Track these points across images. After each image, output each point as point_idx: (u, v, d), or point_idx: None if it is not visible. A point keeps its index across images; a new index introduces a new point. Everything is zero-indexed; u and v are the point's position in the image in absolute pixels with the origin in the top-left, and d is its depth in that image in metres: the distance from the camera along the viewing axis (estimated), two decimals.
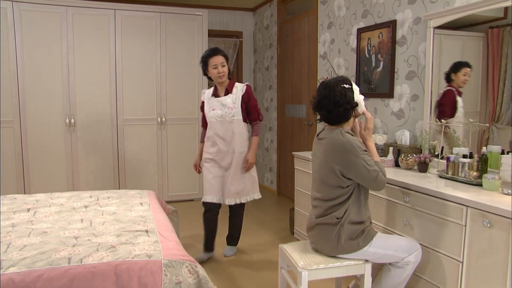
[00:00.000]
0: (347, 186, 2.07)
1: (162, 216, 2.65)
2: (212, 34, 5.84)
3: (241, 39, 6.16)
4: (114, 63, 4.70)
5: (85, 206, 2.81)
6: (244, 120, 3.20)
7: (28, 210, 2.71)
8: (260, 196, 3.35)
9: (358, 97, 2.16)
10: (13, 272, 1.79)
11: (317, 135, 2.25)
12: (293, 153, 3.74)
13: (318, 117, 2.19)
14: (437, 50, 2.86)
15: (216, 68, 3.10)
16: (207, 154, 3.25)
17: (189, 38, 5.00)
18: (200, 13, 5.03)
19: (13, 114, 4.37)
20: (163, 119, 4.96)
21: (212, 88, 3.26)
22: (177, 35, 4.94)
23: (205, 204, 3.30)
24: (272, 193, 5.72)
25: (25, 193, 4.39)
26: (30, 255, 1.94)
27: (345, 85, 2.11)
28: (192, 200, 5.24)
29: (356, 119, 2.25)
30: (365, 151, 2.06)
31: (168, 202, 4.80)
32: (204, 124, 3.36)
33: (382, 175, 2.06)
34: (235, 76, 6.27)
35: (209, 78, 3.25)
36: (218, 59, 3.10)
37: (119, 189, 4.81)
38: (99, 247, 2.04)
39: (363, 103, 2.18)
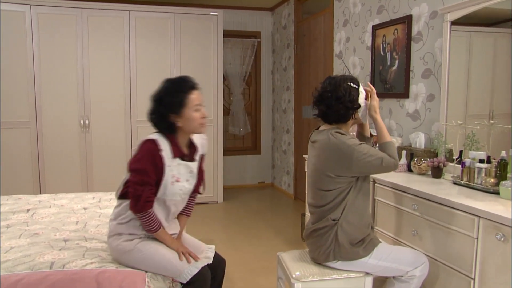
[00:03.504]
0: (341, 186, 1.92)
1: None
2: (230, 34, 5.77)
3: (259, 40, 6.05)
4: (129, 65, 4.69)
5: (85, 208, 2.77)
6: None
7: (28, 210, 2.69)
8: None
9: (363, 101, 2.00)
10: None
11: (309, 139, 2.10)
12: (304, 156, 3.58)
13: (315, 112, 2.03)
14: (466, 48, 2.66)
15: (199, 110, 1.88)
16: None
17: (204, 39, 4.93)
18: (215, 13, 4.96)
19: (29, 115, 4.43)
20: None
21: (166, 142, 1.86)
22: (192, 35, 4.88)
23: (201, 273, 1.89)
24: (288, 197, 5.57)
25: (40, 193, 4.44)
26: (13, 257, 1.90)
27: (352, 84, 1.96)
28: (206, 203, 5.16)
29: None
30: (360, 143, 1.89)
31: None
32: (149, 204, 1.83)
33: (388, 158, 1.89)
34: (253, 78, 6.16)
35: (169, 130, 1.88)
36: (200, 95, 1.90)
37: None
38: (86, 253, 1.98)
39: (365, 110, 2.02)
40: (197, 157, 2.01)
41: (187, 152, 1.95)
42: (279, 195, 5.74)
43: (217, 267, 2.04)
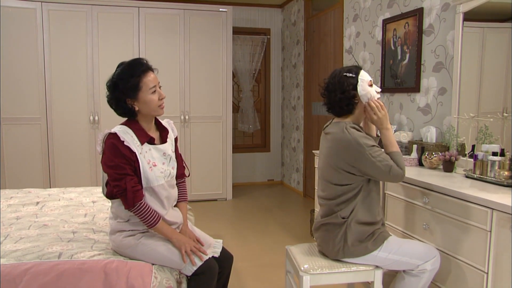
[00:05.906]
0: (353, 183, 1.89)
1: None
2: (239, 31, 5.76)
3: (268, 36, 6.03)
4: None
5: (93, 202, 2.78)
6: None
7: (37, 203, 2.71)
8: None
9: (366, 88, 1.92)
10: (2, 264, 1.75)
11: (323, 129, 2.07)
12: (313, 151, 3.56)
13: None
14: (479, 44, 2.60)
15: (154, 92, 1.87)
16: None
17: (214, 36, 4.93)
18: (225, 10, 4.95)
19: (40, 111, 4.47)
20: (187, 117, 4.91)
21: (129, 131, 1.85)
22: (201, 32, 4.88)
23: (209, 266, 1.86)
24: (298, 195, 5.54)
25: (50, 187, 4.48)
26: (22, 247, 1.91)
27: (347, 74, 1.92)
28: (215, 200, 5.16)
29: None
30: (373, 145, 1.84)
31: (191, 201, 4.75)
32: (138, 193, 1.79)
33: (397, 168, 1.83)
34: (262, 75, 6.14)
35: (130, 114, 1.89)
36: (155, 77, 1.90)
37: None
38: (94, 245, 1.98)
39: (374, 95, 1.95)
40: (169, 140, 1.99)
41: (156, 136, 1.95)
42: (288, 192, 5.71)
43: (224, 263, 2.01)
